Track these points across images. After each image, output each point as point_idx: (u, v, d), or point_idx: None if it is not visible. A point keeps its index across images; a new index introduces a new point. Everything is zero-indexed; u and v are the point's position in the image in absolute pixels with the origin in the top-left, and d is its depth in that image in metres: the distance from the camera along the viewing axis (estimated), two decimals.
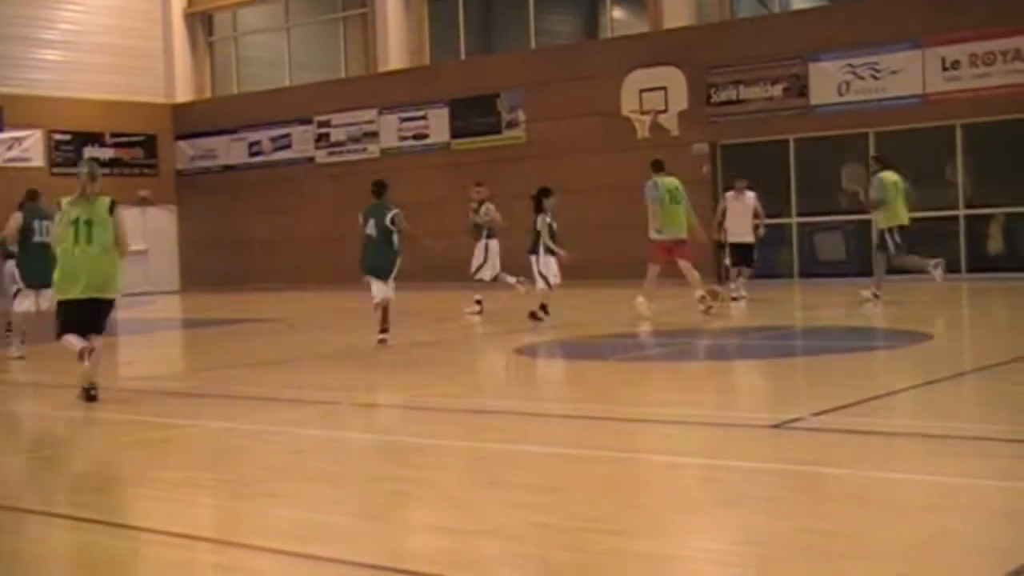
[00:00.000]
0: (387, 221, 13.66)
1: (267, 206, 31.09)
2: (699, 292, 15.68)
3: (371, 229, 13.70)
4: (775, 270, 23.64)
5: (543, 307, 16.08)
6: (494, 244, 18.15)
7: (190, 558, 5.19)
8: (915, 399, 8.62)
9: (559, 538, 5.13)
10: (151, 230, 32.88)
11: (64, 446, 8.48)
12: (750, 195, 18.84)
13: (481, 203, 18.28)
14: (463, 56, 29.37)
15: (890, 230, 17.11)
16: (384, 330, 13.60)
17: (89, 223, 9.83)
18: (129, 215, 31.72)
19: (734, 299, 18.18)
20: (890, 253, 17.17)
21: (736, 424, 7.79)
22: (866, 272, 22.41)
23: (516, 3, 28.45)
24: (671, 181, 16.31)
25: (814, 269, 23.41)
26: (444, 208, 25.23)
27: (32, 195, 14.39)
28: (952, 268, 21.75)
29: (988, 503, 5.52)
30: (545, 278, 16.05)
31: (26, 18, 30.49)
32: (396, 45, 29.64)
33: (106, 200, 9.99)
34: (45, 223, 13.48)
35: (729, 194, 19.08)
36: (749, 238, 18.75)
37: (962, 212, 21.76)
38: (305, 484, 6.51)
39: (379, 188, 14.09)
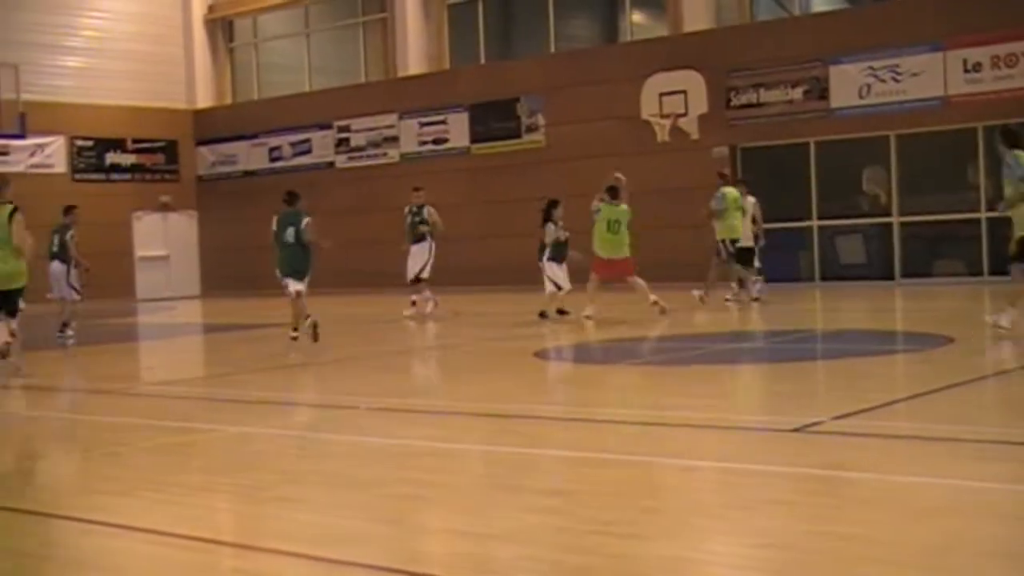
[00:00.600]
0: (303, 228, 14.62)
1: None
2: (651, 298, 16.33)
3: (289, 236, 14.63)
4: (795, 274, 23.55)
5: (560, 310, 16.97)
6: (434, 247, 19.04)
7: (209, 562, 5.19)
8: (936, 403, 8.55)
9: (573, 541, 5.10)
10: (172, 236, 33.03)
11: (83, 449, 8.50)
12: (750, 200, 18.98)
13: (421, 207, 19.17)
14: (482, 61, 29.37)
15: (723, 241, 18.58)
16: (308, 315, 14.63)
17: None
18: (151, 221, 32.40)
19: (756, 299, 18.32)
20: (722, 259, 18.69)
21: (754, 428, 7.75)
22: (886, 275, 22.41)
23: (535, 8, 28.44)
24: (614, 210, 16.70)
25: (835, 272, 23.31)
26: (463, 212, 25.28)
27: None
28: (974, 271, 21.70)
29: (1010, 507, 5.48)
30: (555, 282, 16.97)
31: (48, 25, 30.65)
32: (415, 50, 29.66)
33: (8, 208, 11.93)
34: None
35: None
36: (748, 242, 18.87)
37: (984, 215, 21.60)
38: (321, 488, 6.51)
39: (292, 197, 15.18)
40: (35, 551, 5.48)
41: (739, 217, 18.62)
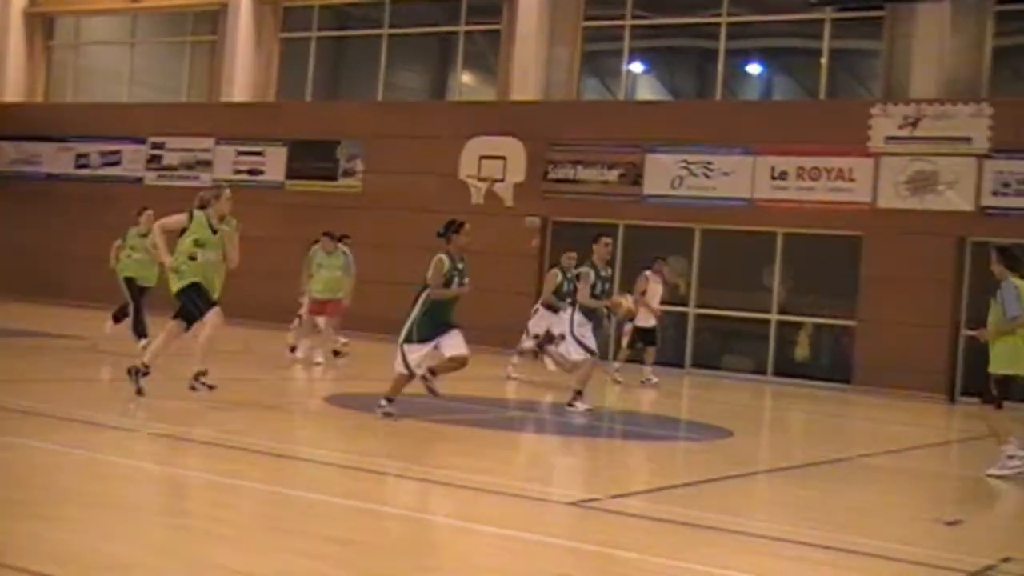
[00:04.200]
0: None
1: (90, 221, 29.97)
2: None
3: None
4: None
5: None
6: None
7: None
8: (710, 492, 8.81)
9: None
10: None
11: None
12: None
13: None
14: (308, 98, 29.20)
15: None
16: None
17: None
18: None
19: (618, 382, 18.32)
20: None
21: (534, 498, 7.83)
22: (677, 363, 23.02)
23: (367, 53, 28.45)
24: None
25: (628, 355, 23.77)
26: (273, 246, 24.88)
27: None
28: (760, 369, 22.49)
29: None
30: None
31: None
32: (242, 77, 29.25)
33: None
34: None
35: (648, 274, 18.82)
36: (653, 321, 18.85)
37: (774, 317, 22.48)
38: (88, 510, 6.28)
39: None
40: None
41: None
